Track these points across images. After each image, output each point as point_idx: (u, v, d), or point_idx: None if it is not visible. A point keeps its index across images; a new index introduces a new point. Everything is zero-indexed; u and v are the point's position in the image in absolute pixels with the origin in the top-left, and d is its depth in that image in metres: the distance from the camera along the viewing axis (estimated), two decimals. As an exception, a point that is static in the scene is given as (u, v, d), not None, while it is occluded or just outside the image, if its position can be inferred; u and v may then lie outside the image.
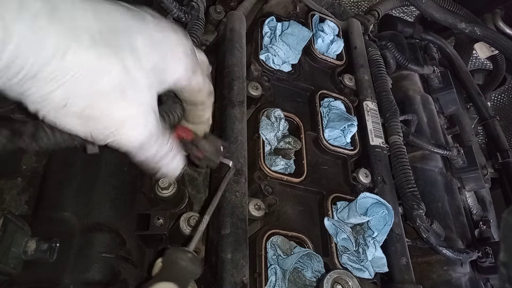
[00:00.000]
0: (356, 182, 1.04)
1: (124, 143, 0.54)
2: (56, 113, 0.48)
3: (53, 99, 0.47)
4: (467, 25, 1.61)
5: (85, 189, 0.80)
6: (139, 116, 0.54)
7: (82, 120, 0.50)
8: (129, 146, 0.55)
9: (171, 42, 0.58)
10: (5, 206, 0.82)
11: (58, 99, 0.47)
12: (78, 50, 0.46)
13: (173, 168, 0.64)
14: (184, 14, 1.02)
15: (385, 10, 1.61)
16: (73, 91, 0.47)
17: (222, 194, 0.75)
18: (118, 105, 0.51)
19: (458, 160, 1.37)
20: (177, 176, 0.67)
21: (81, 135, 0.52)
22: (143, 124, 0.54)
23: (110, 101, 0.50)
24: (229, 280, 0.72)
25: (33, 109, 0.48)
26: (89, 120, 0.50)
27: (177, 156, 0.64)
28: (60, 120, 0.49)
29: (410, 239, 1.11)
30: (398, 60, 1.45)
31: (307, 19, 1.25)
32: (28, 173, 0.86)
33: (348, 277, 0.77)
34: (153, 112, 0.56)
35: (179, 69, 0.60)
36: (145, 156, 0.58)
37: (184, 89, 0.64)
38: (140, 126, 0.54)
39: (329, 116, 1.10)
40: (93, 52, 0.47)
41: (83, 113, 0.49)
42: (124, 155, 0.58)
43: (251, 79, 1.04)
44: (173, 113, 0.71)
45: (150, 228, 0.83)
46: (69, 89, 0.47)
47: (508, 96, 2.20)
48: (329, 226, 0.93)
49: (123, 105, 0.51)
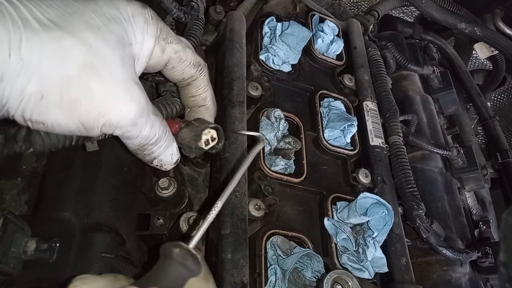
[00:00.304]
0: (356, 182, 1.04)
1: (116, 122, 0.53)
2: (39, 110, 0.48)
3: (29, 96, 0.46)
4: (467, 25, 1.61)
5: (85, 189, 0.80)
6: (119, 90, 0.52)
7: (66, 109, 0.49)
8: (123, 126, 0.54)
9: (128, 14, 0.57)
10: (5, 206, 0.82)
11: (33, 93, 0.47)
12: (31, 38, 0.45)
13: (168, 156, 0.64)
14: (183, 14, 1.02)
15: (385, 10, 1.61)
16: (43, 80, 0.47)
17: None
18: (93, 83, 0.50)
19: (458, 160, 1.37)
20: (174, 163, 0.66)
21: (74, 129, 0.51)
22: (127, 98, 0.53)
23: (84, 81, 0.49)
24: (229, 280, 0.72)
25: (19, 117, 0.48)
26: (71, 107, 0.49)
27: (172, 145, 0.64)
28: (45, 116, 0.48)
29: (410, 239, 1.11)
30: (398, 60, 1.45)
31: (307, 19, 1.25)
32: (28, 173, 0.86)
33: (348, 277, 0.77)
34: (136, 85, 0.55)
35: (147, 39, 0.60)
36: (140, 138, 0.57)
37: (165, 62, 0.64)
38: (125, 100, 0.53)
39: (329, 116, 1.10)
40: (46, 36, 0.46)
41: (63, 101, 0.48)
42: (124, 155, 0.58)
43: (251, 79, 1.04)
44: (170, 105, 0.71)
45: (150, 228, 0.83)
46: (38, 80, 0.46)
47: (508, 96, 2.20)
48: (329, 226, 0.93)
49: (98, 80, 0.50)
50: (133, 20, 0.58)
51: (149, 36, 0.60)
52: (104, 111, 0.51)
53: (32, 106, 0.47)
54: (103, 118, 0.52)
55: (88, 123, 0.51)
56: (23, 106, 0.47)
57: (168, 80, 0.75)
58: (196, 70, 0.69)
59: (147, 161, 0.64)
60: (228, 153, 0.86)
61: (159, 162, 0.64)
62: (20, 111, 0.47)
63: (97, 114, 0.51)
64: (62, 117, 0.49)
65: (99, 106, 0.51)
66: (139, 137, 0.58)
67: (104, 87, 0.51)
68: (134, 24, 0.58)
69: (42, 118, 0.49)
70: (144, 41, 0.60)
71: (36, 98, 0.47)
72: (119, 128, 0.54)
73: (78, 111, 0.50)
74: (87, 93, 0.50)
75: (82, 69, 0.49)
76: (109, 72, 0.52)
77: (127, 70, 0.55)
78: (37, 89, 0.47)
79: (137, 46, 0.59)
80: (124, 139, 0.58)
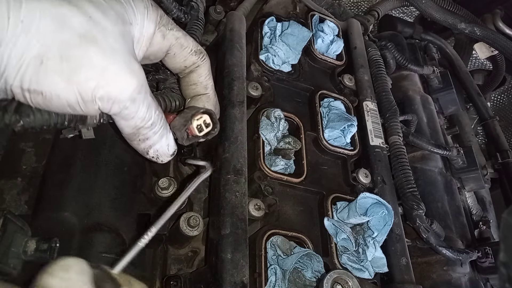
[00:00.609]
0: (356, 182, 1.04)
1: (115, 95, 0.52)
2: (38, 76, 0.47)
3: (29, 60, 0.46)
4: (467, 25, 1.61)
5: (85, 189, 0.80)
6: (119, 61, 0.52)
7: (65, 77, 0.49)
8: (121, 100, 0.53)
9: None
10: (5, 206, 0.82)
11: (33, 57, 0.46)
12: (31, 2, 0.46)
13: (165, 146, 0.63)
14: (183, 14, 1.02)
15: (385, 10, 1.61)
16: (43, 44, 0.47)
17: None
18: (93, 53, 0.50)
19: (458, 160, 1.37)
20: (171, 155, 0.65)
21: (72, 101, 0.50)
22: (126, 70, 0.53)
23: (83, 50, 0.49)
24: (229, 280, 0.72)
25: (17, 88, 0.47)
26: (70, 74, 0.49)
27: (168, 135, 0.64)
28: (44, 84, 0.48)
29: (410, 239, 1.11)
30: (398, 60, 1.45)
31: (307, 19, 1.25)
32: (28, 173, 0.86)
33: (348, 277, 0.77)
34: (135, 60, 0.55)
35: (148, 23, 0.60)
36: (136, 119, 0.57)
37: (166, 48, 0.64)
38: (124, 72, 0.53)
39: (329, 116, 1.10)
40: (47, 2, 0.47)
41: (62, 67, 0.48)
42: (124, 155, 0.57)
43: (251, 79, 1.04)
44: (169, 98, 0.70)
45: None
46: (39, 44, 0.46)
47: (508, 96, 2.20)
48: (329, 226, 0.93)
49: (98, 51, 0.50)
50: (133, 4, 0.58)
51: (149, 21, 0.61)
52: (103, 82, 0.51)
53: (31, 73, 0.47)
54: (102, 89, 0.51)
55: (86, 94, 0.50)
56: (22, 72, 0.47)
57: (170, 72, 0.74)
58: (198, 58, 0.69)
59: (142, 150, 0.63)
60: (228, 153, 0.86)
61: (155, 152, 0.63)
62: (19, 79, 0.47)
63: (95, 84, 0.50)
64: (60, 85, 0.49)
65: (99, 75, 0.50)
66: (135, 118, 0.57)
67: (103, 57, 0.51)
68: (134, 8, 0.58)
69: (40, 87, 0.48)
70: (145, 25, 0.60)
71: (36, 63, 0.47)
72: (117, 103, 0.53)
73: (77, 79, 0.49)
74: (87, 61, 0.50)
75: (82, 38, 0.49)
76: (109, 45, 0.52)
77: (127, 46, 0.55)
78: (37, 53, 0.47)
79: (137, 29, 0.59)
80: (120, 119, 0.57)
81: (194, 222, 0.82)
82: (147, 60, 0.68)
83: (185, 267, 0.90)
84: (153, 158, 0.65)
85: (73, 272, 0.44)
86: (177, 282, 0.79)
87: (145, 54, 0.65)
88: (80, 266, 0.45)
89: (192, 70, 0.70)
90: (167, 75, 0.77)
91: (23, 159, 0.88)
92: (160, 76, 0.77)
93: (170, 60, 0.68)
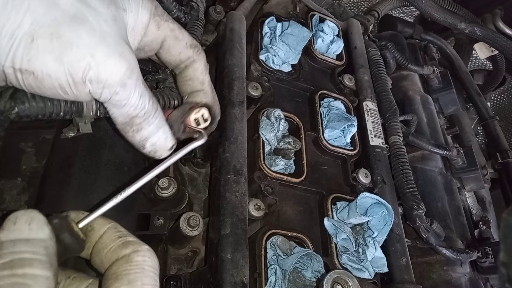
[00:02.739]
0: (356, 182, 1.04)
1: (105, 77, 0.52)
2: (29, 54, 0.48)
3: (20, 38, 0.47)
4: (467, 25, 1.61)
5: (85, 189, 0.80)
6: (109, 43, 0.52)
7: (55, 54, 0.49)
8: (111, 83, 0.52)
9: None
10: (5, 206, 0.82)
11: (24, 35, 0.47)
12: None
13: (162, 139, 0.62)
14: (183, 14, 1.02)
15: (385, 10, 1.62)
16: (33, 22, 0.47)
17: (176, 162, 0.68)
18: (83, 32, 0.50)
19: (458, 160, 1.37)
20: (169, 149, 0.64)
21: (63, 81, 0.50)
22: (117, 53, 0.53)
23: (74, 28, 0.50)
24: (229, 280, 0.72)
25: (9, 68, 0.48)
26: (61, 51, 0.49)
27: (165, 127, 0.62)
28: (35, 62, 0.48)
29: (410, 239, 1.11)
30: (398, 60, 1.45)
31: (307, 19, 1.25)
32: (28, 173, 0.86)
33: (348, 277, 0.77)
34: (127, 45, 0.55)
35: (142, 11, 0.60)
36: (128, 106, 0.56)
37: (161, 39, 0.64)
38: (114, 55, 0.52)
39: (329, 116, 1.10)
40: None
41: (53, 45, 0.48)
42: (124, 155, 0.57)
43: (251, 79, 1.04)
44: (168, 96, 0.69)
45: (150, 228, 0.83)
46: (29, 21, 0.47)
47: (508, 96, 2.20)
48: (329, 226, 0.93)
49: (89, 33, 0.51)
50: None
51: (144, 9, 0.61)
52: (93, 62, 0.51)
53: (23, 50, 0.47)
54: (92, 70, 0.51)
55: (77, 74, 0.50)
56: (13, 50, 0.47)
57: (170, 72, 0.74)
58: (193, 51, 0.69)
59: (138, 143, 0.61)
60: (228, 153, 0.86)
61: (152, 146, 0.62)
62: (11, 58, 0.47)
63: (86, 64, 0.50)
64: (51, 64, 0.49)
65: (89, 55, 0.50)
66: (128, 105, 0.56)
67: (94, 38, 0.51)
68: None
69: (32, 66, 0.48)
70: (139, 13, 0.60)
71: (27, 41, 0.47)
72: (107, 88, 0.53)
73: (68, 59, 0.49)
74: (78, 40, 0.50)
75: (72, 18, 0.50)
76: (100, 26, 0.52)
77: (119, 30, 0.55)
78: (27, 30, 0.47)
79: (131, 16, 0.59)
80: (112, 107, 0.56)
81: (194, 222, 0.82)
82: (142, 52, 0.68)
83: (185, 267, 0.90)
84: (151, 153, 0.63)
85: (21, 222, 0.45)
86: (177, 282, 0.79)
87: (140, 45, 0.64)
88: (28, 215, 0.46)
89: (187, 65, 0.70)
90: (166, 75, 0.77)
91: (23, 159, 0.87)
92: (160, 76, 0.77)
93: (165, 53, 0.68)
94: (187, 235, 0.81)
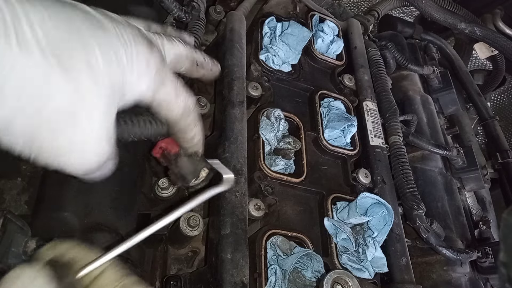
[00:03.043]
0: (356, 182, 1.04)
1: (68, 170, 0.49)
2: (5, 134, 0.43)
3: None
4: (467, 25, 1.61)
5: (85, 189, 0.79)
6: (90, 144, 0.48)
7: (26, 143, 0.45)
8: (72, 173, 0.50)
9: (133, 53, 0.51)
10: (5, 206, 0.82)
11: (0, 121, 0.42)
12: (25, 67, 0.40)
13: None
14: (184, 14, 1.02)
15: (385, 10, 1.61)
16: (15, 114, 0.42)
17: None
18: (66, 133, 0.45)
19: (458, 160, 1.37)
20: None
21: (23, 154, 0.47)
22: (94, 152, 0.49)
23: (57, 128, 0.45)
24: (229, 280, 0.72)
25: None
26: (33, 143, 0.45)
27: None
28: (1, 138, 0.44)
29: (410, 239, 1.11)
30: (398, 60, 1.45)
31: (307, 19, 1.25)
32: (28, 173, 0.86)
33: (348, 277, 0.77)
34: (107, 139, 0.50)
35: (141, 84, 0.53)
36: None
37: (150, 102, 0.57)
38: (90, 154, 0.48)
39: (329, 116, 1.10)
40: (40, 70, 0.42)
41: (27, 137, 0.44)
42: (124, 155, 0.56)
43: (251, 79, 1.04)
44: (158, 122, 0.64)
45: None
46: (11, 111, 0.42)
47: (508, 96, 2.20)
48: (329, 226, 0.93)
49: (73, 133, 0.46)
50: (135, 59, 0.52)
51: (144, 83, 0.54)
52: (61, 160, 0.48)
53: None
54: (58, 165, 0.48)
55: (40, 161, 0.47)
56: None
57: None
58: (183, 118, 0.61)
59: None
60: (228, 153, 0.86)
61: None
62: None
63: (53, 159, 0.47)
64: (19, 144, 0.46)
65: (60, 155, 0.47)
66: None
67: (76, 138, 0.46)
68: (134, 65, 0.52)
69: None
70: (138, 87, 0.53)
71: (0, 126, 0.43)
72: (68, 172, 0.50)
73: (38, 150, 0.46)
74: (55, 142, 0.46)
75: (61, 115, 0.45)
76: (89, 123, 0.47)
77: (107, 121, 0.50)
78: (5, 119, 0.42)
79: (127, 86, 0.52)
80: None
81: (194, 222, 0.82)
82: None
83: (185, 267, 0.90)
84: None
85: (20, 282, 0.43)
86: (177, 282, 0.79)
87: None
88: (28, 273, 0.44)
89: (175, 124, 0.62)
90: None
91: (23, 159, 0.87)
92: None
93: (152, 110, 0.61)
94: (187, 235, 0.81)
